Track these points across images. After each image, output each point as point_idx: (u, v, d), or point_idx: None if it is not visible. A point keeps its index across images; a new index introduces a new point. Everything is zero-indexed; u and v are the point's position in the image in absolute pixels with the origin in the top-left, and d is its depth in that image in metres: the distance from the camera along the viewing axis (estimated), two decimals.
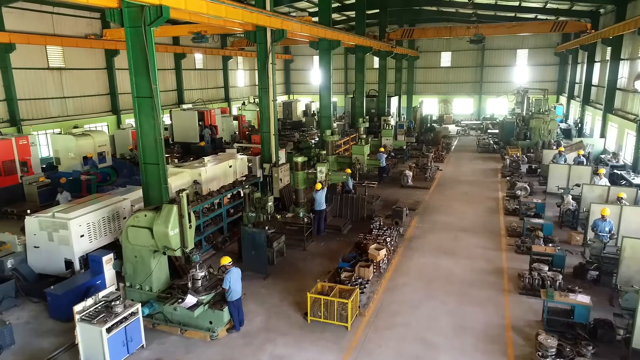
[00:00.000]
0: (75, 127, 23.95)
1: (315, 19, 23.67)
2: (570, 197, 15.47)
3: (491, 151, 29.69)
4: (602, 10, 29.74)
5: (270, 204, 12.72)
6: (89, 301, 8.36)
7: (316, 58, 23.29)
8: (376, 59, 38.37)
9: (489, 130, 36.80)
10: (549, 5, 31.70)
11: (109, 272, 10.68)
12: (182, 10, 11.59)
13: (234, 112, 40.99)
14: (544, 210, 16.01)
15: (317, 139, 28.67)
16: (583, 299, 9.07)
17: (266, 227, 12.60)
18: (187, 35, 27.41)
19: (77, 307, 8.17)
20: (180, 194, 9.08)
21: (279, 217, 14.15)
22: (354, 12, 31.85)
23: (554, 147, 25.03)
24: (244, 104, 39.82)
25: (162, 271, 9.87)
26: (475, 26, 31.65)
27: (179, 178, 15.24)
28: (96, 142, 20.97)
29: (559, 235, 14.34)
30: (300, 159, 15.22)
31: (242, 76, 46.47)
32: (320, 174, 14.96)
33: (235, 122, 32.54)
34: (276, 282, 11.75)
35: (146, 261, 9.55)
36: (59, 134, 21.60)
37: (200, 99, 37.46)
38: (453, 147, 32.12)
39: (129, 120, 29.74)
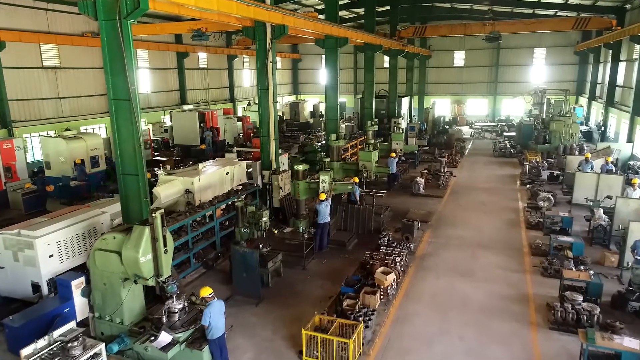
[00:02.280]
0: (67, 129, 22.78)
1: (322, 16, 22.29)
2: (601, 211, 13.86)
3: (508, 155, 28.02)
4: (628, 6, 27.92)
5: (265, 219, 11.33)
6: (41, 342, 7.06)
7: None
8: (386, 58, 36.85)
9: (505, 133, 35.05)
10: (570, 1, 29.87)
11: (79, 298, 9.41)
12: (166, 1, 10.30)
13: (239, 112, 39.76)
14: (572, 225, 14.44)
15: (324, 141, 27.24)
16: (631, 344, 7.56)
17: (260, 245, 11.26)
18: (187, 33, 26.16)
19: (26, 351, 6.87)
20: (154, 214, 7.76)
21: (276, 232, 12.78)
22: (363, 10, 30.40)
23: (577, 152, 23.40)
24: (249, 104, 38.53)
25: (135, 301, 8.54)
26: (492, 23, 30.02)
27: (169, 187, 13.96)
28: (89, 146, 19.72)
29: (590, 254, 12.74)
30: (301, 167, 13.82)
31: (247, 76, 45.08)
32: (323, 183, 13.57)
33: (240, 124, 31.30)
34: (270, 309, 10.39)
35: (116, 290, 8.25)
36: (50, 136, 20.45)
37: (204, 99, 36.22)
38: (467, 150, 30.47)
39: None
